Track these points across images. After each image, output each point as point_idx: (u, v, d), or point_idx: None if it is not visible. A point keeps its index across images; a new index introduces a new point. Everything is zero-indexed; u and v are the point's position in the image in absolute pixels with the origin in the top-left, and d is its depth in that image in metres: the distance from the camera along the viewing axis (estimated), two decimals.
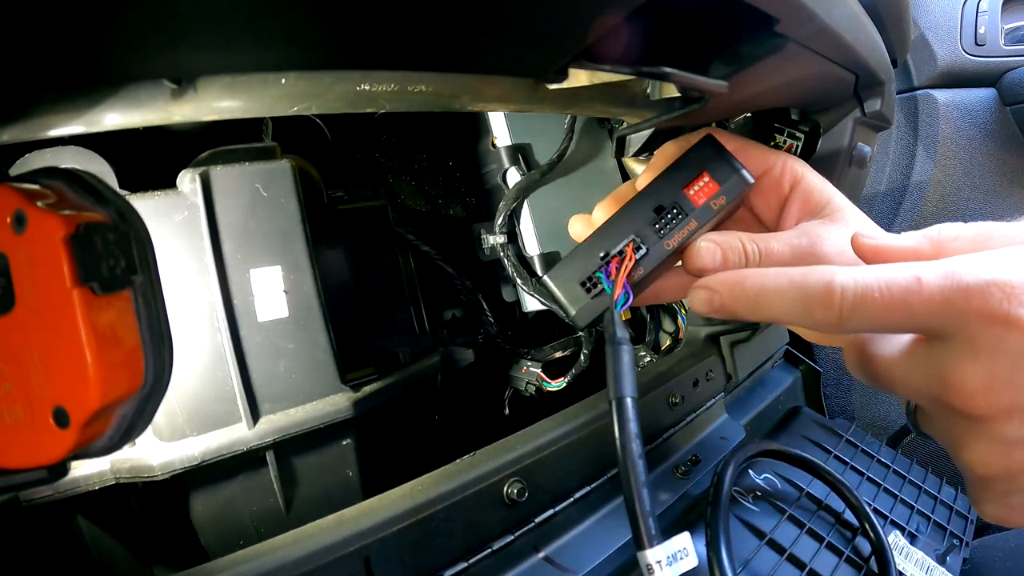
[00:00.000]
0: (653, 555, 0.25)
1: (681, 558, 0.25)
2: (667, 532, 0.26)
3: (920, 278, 0.22)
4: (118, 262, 0.19)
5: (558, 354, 0.65)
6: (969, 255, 0.23)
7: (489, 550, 0.34)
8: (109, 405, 0.19)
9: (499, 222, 0.58)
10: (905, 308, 0.22)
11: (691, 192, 0.32)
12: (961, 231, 0.26)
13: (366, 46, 0.21)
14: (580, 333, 0.61)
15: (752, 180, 0.32)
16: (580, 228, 0.36)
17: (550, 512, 0.38)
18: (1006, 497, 0.24)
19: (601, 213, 0.35)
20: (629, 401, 0.27)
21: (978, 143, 0.89)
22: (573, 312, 0.31)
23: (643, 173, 0.34)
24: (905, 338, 0.25)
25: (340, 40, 0.20)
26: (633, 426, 0.27)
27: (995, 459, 0.23)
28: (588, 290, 0.31)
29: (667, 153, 0.34)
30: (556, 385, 0.61)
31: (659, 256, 0.31)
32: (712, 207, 0.31)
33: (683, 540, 0.26)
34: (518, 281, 0.58)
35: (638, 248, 0.31)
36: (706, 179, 0.32)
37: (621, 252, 0.31)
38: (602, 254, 0.31)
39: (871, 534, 0.43)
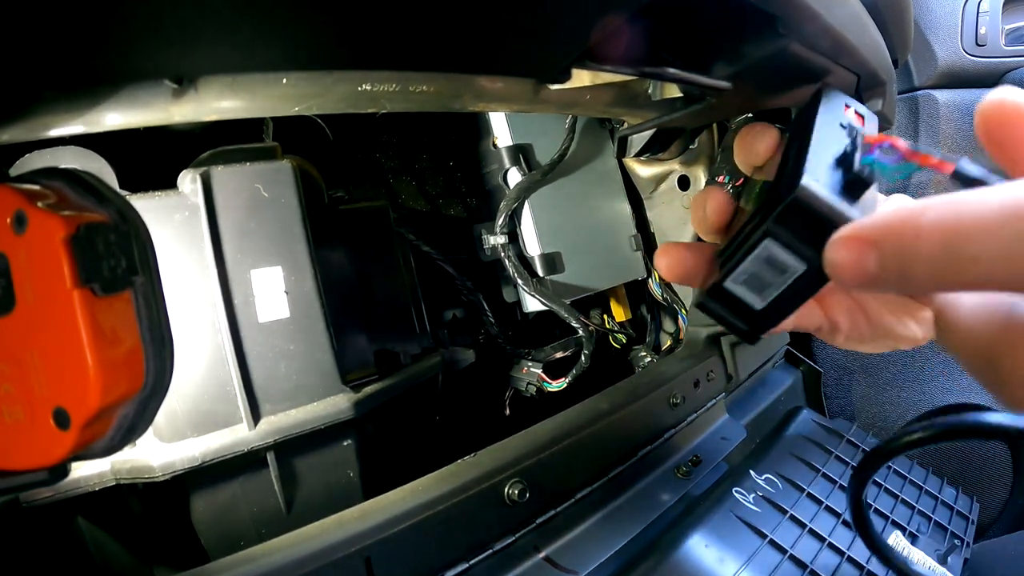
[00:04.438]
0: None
1: None
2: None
3: None
4: (119, 263, 0.19)
5: (559, 354, 0.65)
6: None
7: (490, 550, 0.34)
8: (109, 406, 0.19)
9: (500, 222, 0.58)
10: None
11: None
12: None
13: (368, 46, 0.21)
14: (580, 334, 0.61)
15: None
16: (672, 260, 0.27)
17: (551, 513, 0.38)
18: None
19: (704, 237, 0.28)
20: None
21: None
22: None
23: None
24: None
25: (342, 40, 0.20)
26: None
27: None
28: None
29: (768, 141, 0.26)
30: (557, 386, 0.61)
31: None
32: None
33: None
34: (519, 281, 0.58)
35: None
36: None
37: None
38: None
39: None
